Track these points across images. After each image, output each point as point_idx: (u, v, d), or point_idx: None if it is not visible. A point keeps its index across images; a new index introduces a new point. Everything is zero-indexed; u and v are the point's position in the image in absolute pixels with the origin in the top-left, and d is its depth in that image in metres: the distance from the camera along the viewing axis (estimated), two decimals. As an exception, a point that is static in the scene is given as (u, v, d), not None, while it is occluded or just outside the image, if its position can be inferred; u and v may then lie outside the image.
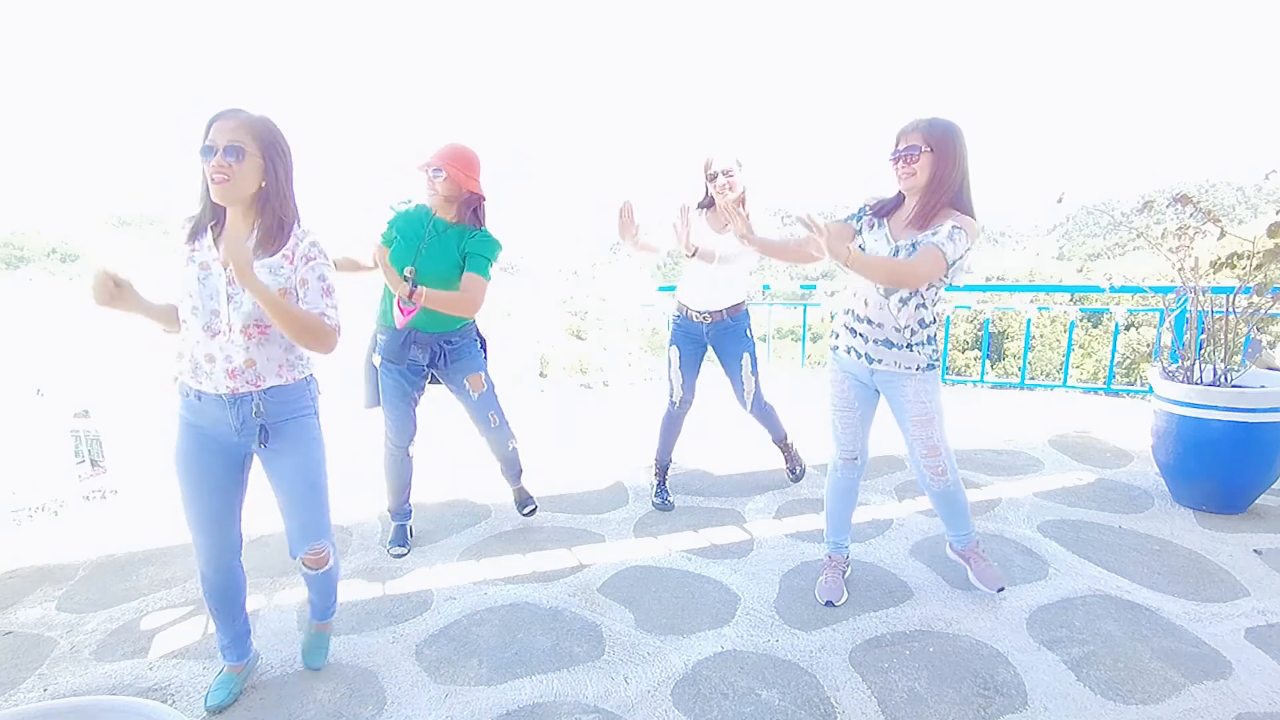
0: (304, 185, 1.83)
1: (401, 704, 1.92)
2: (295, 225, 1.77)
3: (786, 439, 3.46)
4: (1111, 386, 5.35)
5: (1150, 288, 4.37)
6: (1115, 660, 2.01)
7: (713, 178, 2.92)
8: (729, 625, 2.26)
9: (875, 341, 2.18)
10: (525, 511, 3.06)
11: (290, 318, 1.65)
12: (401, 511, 2.91)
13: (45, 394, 3.65)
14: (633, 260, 3.26)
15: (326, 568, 2.00)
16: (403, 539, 2.89)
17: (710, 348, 3.19)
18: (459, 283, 2.51)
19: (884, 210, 2.18)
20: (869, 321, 2.18)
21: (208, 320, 1.72)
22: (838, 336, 2.31)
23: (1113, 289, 4.54)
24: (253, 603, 2.48)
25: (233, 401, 1.76)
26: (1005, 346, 34.90)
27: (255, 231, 1.73)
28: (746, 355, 3.16)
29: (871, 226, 2.19)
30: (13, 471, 3.43)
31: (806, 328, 6.63)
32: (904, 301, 2.12)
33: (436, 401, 3.03)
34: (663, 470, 3.36)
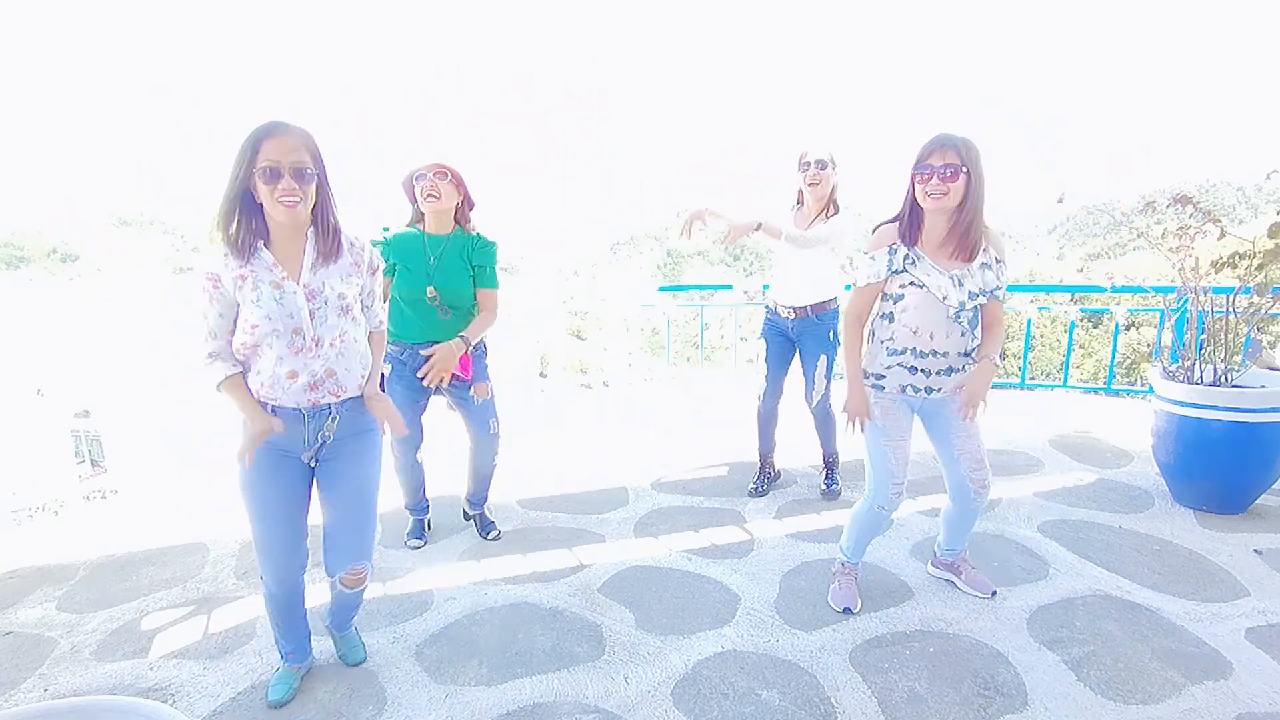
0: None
1: (401, 704, 1.92)
2: (342, 232, 1.76)
3: (835, 458, 3.39)
4: (1112, 386, 5.35)
5: (1151, 288, 4.37)
6: (1115, 660, 2.01)
7: (805, 167, 2.93)
8: (729, 625, 2.26)
9: (938, 372, 2.10)
10: (490, 536, 2.97)
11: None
12: (420, 507, 2.97)
13: (45, 394, 3.65)
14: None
15: (362, 588, 1.98)
16: (420, 532, 2.96)
17: (795, 344, 3.18)
18: (473, 293, 2.63)
19: (910, 238, 2.03)
20: (935, 354, 2.08)
21: (290, 339, 1.68)
22: (883, 378, 2.14)
23: (1113, 289, 4.54)
24: (252, 604, 2.48)
25: (311, 414, 1.75)
26: (1005, 346, 34.80)
27: (313, 243, 1.72)
28: (824, 358, 3.13)
29: (914, 262, 2.03)
30: (13, 471, 3.43)
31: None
32: (975, 323, 2.08)
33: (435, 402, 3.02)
34: (764, 458, 3.41)
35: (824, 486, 3.37)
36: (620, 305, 6.44)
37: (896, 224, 2.07)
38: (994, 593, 2.36)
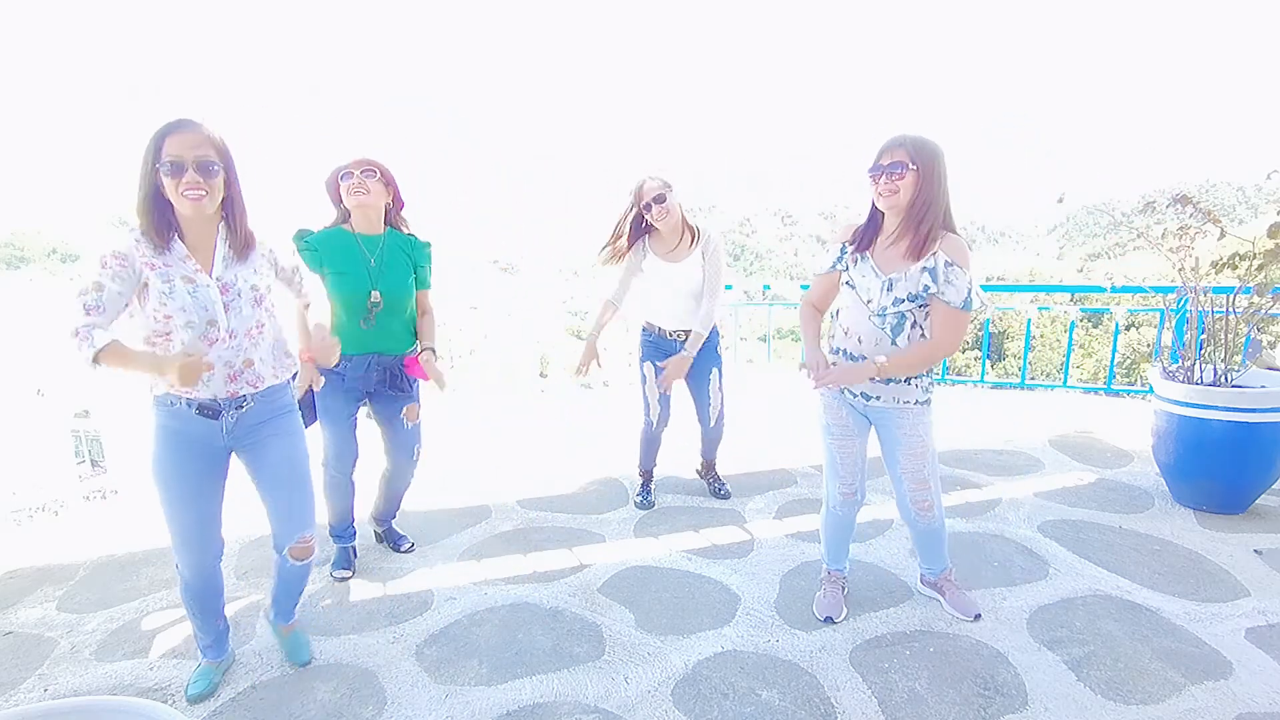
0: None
1: (401, 704, 1.92)
2: (254, 236, 1.82)
3: (715, 462, 3.46)
4: (1112, 386, 5.35)
5: (1151, 288, 4.37)
6: (1115, 660, 2.01)
7: (647, 208, 2.85)
8: (729, 625, 2.26)
9: (872, 378, 2.01)
10: (404, 549, 2.85)
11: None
12: (348, 533, 2.72)
13: (45, 394, 3.65)
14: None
15: (311, 558, 1.99)
16: (347, 562, 2.68)
17: None
18: (414, 296, 2.55)
19: (864, 241, 2.04)
20: (863, 358, 2.03)
21: (204, 330, 1.72)
22: None
23: (1113, 289, 4.54)
24: (252, 605, 2.48)
25: (227, 404, 1.79)
26: (1005, 346, 34.93)
27: (223, 238, 1.76)
28: (716, 371, 3.13)
29: (855, 263, 2.05)
30: (13, 471, 3.43)
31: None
32: (899, 331, 1.99)
33: (438, 404, 3.01)
34: (648, 475, 3.39)
35: (715, 489, 3.40)
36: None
37: (865, 223, 2.06)
38: (977, 616, 2.23)
